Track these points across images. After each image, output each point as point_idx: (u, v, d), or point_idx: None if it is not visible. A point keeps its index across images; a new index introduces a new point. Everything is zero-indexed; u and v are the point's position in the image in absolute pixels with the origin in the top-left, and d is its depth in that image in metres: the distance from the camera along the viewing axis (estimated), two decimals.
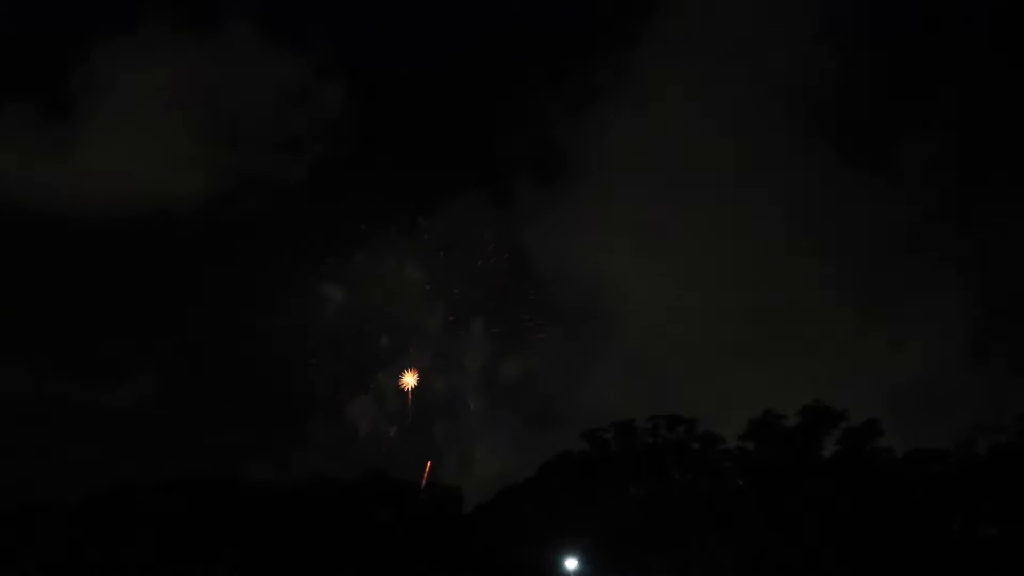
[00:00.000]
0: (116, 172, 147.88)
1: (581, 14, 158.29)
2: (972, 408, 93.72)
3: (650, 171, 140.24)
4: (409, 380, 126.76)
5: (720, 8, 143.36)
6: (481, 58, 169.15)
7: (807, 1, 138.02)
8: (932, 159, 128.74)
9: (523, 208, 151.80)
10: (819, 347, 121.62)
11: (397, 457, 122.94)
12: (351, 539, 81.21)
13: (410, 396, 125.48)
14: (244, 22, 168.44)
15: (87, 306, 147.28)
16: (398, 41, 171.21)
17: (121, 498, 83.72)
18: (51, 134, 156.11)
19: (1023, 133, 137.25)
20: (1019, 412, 71.78)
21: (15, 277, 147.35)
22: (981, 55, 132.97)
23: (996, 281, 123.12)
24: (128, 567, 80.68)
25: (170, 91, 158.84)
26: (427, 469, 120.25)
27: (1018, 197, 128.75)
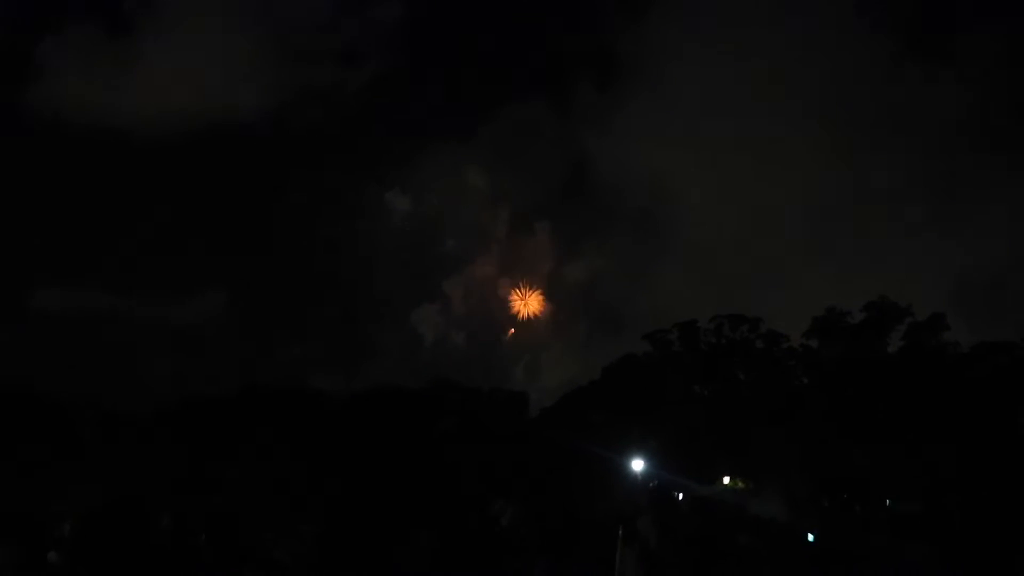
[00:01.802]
0: (176, 88, 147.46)
1: None
2: None
3: (707, 72, 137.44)
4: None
5: None
6: None
7: None
8: (996, 53, 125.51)
9: (583, 113, 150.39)
10: (883, 243, 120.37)
11: (465, 364, 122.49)
12: (412, 447, 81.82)
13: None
14: None
15: (152, 222, 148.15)
16: None
17: (190, 411, 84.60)
18: (113, 53, 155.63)
19: None
20: None
21: (83, 196, 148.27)
22: None
23: None
24: (197, 478, 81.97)
25: (228, 4, 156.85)
26: (510, 334, 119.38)
27: None
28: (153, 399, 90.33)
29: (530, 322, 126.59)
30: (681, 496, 75.76)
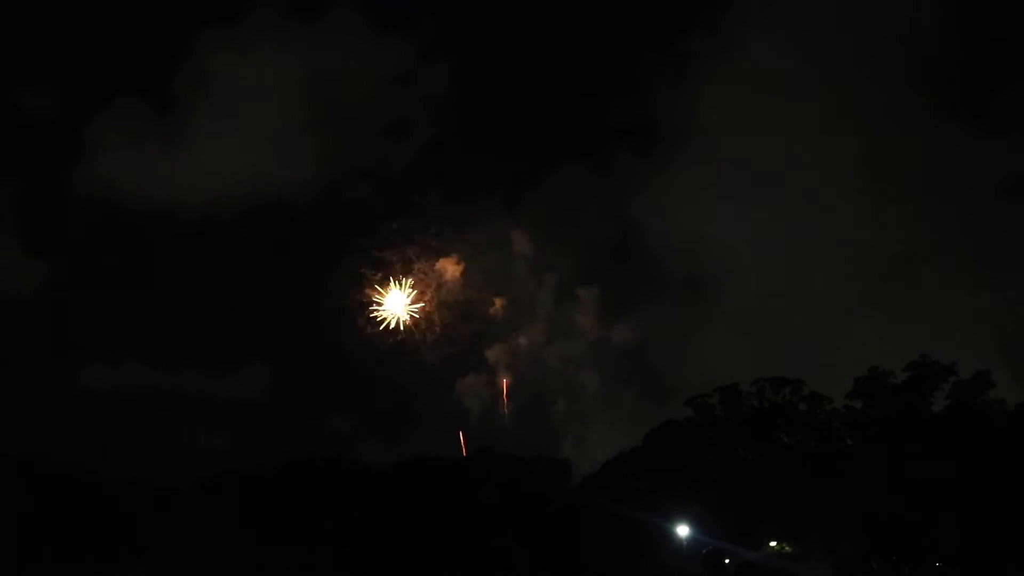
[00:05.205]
0: (223, 165, 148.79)
1: None
2: None
3: (749, 133, 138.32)
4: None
5: None
6: (576, 33, 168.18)
7: None
8: None
9: (626, 179, 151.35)
10: (924, 300, 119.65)
11: (511, 435, 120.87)
12: (455, 517, 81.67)
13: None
14: (346, 7, 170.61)
15: (200, 299, 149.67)
16: (498, 18, 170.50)
17: (232, 484, 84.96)
18: (159, 129, 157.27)
19: None
20: None
21: (128, 274, 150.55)
22: None
23: None
24: (235, 551, 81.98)
25: (275, 81, 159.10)
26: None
27: None
28: (199, 474, 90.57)
29: (577, 390, 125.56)
30: (728, 561, 74.75)
